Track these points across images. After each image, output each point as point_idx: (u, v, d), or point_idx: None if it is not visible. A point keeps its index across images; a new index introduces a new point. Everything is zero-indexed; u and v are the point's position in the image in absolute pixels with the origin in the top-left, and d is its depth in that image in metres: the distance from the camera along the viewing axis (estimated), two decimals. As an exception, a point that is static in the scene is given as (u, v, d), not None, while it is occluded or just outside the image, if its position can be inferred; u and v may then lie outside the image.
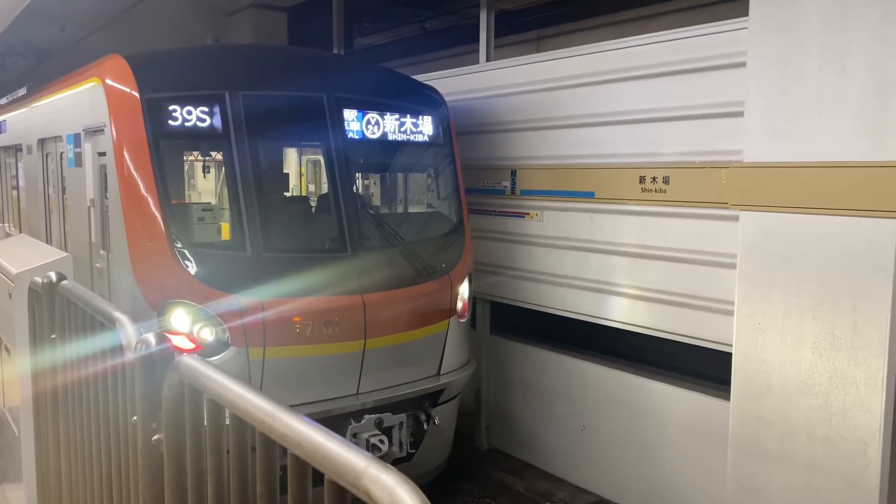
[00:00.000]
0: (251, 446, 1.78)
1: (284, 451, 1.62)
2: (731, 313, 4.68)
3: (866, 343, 3.99)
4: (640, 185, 5.38)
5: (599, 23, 9.42)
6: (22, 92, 10.19)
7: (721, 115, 4.83)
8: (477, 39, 6.95)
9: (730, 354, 4.70)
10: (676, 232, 5.20)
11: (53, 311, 3.29)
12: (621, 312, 5.68)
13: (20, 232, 9.20)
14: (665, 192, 5.22)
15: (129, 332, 2.43)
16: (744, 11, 4.55)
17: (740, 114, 4.57)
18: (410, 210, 6.64)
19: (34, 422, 3.70)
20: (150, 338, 2.24)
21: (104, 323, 2.67)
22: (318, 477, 1.51)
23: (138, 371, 2.28)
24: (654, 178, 5.29)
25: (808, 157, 4.19)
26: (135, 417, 2.32)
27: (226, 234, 5.42)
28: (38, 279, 3.43)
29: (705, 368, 5.44)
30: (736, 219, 4.61)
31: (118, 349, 2.50)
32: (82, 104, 5.79)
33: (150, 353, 2.23)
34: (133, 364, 2.33)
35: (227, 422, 1.86)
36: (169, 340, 2.29)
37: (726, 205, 4.69)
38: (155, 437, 2.22)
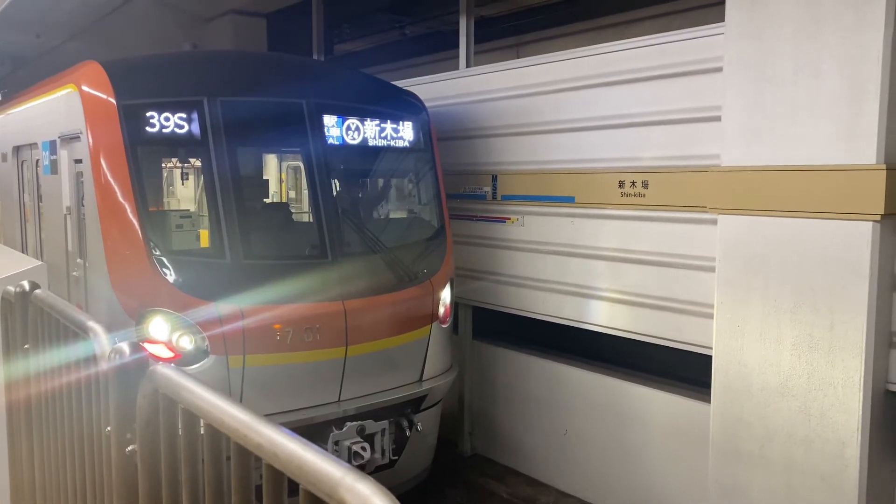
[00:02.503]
0: (226, 456, 1.76)
1: (260, 460, 1.60)
2: (710, 316, 4.71)
3: (844, 344, 4.04)
4: (620, 190, 5.40)
5: (578, 29, 9.47)
6: (-3, 99, 10.07)
7: (699, 119, 4.87)
8: (457, 45, 6.96)
9: (710, 357, 4.73)
10: (656, 236, 5.23)
11: (26, 320, 3.24)
12: (602, 316, 5.70)
13: (-5, 241, 9.06)
14: (644, 196, 5.25)
15: (102, 342, 2.40)
16: (720, 17, 4.60)
17: (718, 118, 4.61)
18: (391, 216, 6.62)
19: (7, 432, 3.64)
20: (124, 347, 2.21)
21: (78, 332, 2.63)
22: (295, 487, 1.49)
23: (112, 381, 2.25)
24: (633, 183, 5.32)
25: (784, 160, 4.23)
26: (109, 428, 2.29)
27: (205, 241, 5.36)
28: (11, 288, 3.37)
29: (686, 371, 5.47)
30: (714, 222, 4.65)
31: (92, 359, 2.46)
32: (58, 111, 5.73)
33: (124, 363, 2.19)
34: (107, 374, 2.29)
35: (203, 432, 1.83)
36: (143, 349, 2.26)
37: (705, 209, 4.73)
38: (129, 448, 2.18)
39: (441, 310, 5.79)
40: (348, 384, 5.16)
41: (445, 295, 5.87)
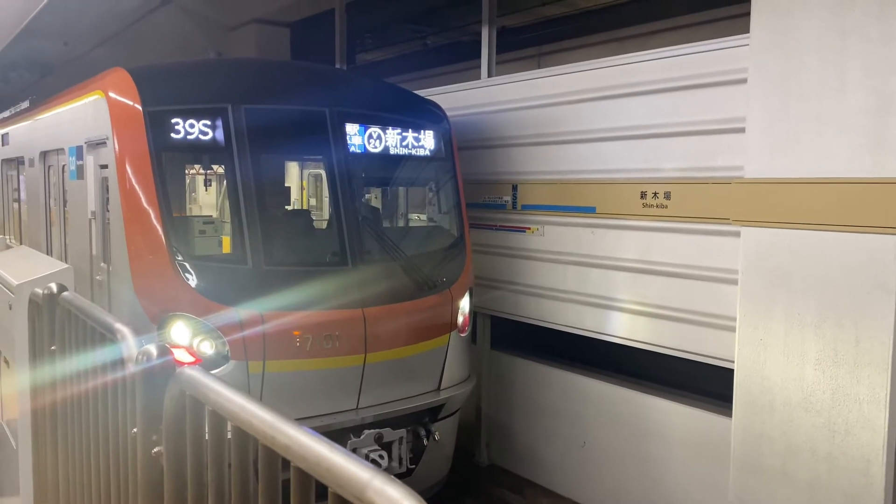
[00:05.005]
0: (253, 459, 1.77)
1: (287, 463, 1.60)
2: (732, 329, 4.67)
3: (869, 360, 3.98)
4: (642, 201, 5.38)
5: (599, 39, 9.48)
6: (25, 105, 10.24)
7: (722, 131, 4.85)
8: (479, 55, 6.99)
9: (731, 370, 4.68)
10: (678, 247, 5.19)
11: (54, 322, 3.28)
12: (622, 328, 5.66)
13: (21, 244, 9.20)
14: (666, 207, 5.23)
15: (130, 344, 2.42)
16: (744, 28, 4.58)
17: (741, 130, 4.58)
18: (411, 224, 6.64)
19: (32, 434, 3.68)
20: (152, 349, 2.23)
21: (105, 334, 2.66)
22: (322, 490, 1.49)
23: (139, 383, 2.27)
24: (655, 194, 5.30)
25: (808, 173, 4.20)
26: (135, 429, 2.30)
27: (226, 247, 5.41)
28: (39, 290, 3.42)
29: (707, 385, 5.42)
30: (737, 234, 4.62)
31: (119, 361, 2.49)
32: (85, 117, 5.81)
33: (151, 365, 2.21)
34: (134, 376, 2.31)
35: (229, 434, 1.84)
36: (171, 352, 2.28)
37: (728, 220, 4.69)
38: (155, 450, 2.20)
39: (460, 319, 5.79)
40: (366, 392, 5.16)
41: (464, 304, 5.86)
